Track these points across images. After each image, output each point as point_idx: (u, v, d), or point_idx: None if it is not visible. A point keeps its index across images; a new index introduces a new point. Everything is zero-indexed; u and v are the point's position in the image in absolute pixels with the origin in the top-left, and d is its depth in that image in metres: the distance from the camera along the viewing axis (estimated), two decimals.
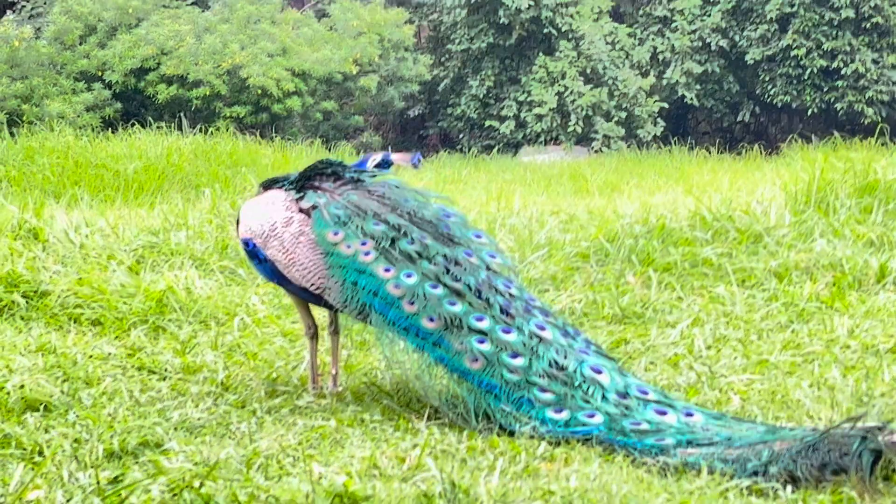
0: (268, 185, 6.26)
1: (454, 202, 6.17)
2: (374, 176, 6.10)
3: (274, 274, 5.93)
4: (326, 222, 5.79)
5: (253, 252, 5.98)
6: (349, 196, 5.90)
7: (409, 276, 5.57)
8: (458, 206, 6.14)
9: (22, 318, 7.55)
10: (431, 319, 5.45)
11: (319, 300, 5.87)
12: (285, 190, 6.08)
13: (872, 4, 27.84)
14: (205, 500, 4.18)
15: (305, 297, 5.94)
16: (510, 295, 5.61)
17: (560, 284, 8.58)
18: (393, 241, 5.69)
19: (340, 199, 5.88)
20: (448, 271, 5.59)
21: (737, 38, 29.01)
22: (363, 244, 5.69)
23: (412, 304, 5.51)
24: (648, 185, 18.42)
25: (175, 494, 4.26)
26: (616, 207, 12.26)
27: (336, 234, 5.76)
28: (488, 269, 5.72)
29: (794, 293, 8.00)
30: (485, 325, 5.42)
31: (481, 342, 5.37)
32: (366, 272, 5.64)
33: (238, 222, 6.15)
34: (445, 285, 5.55)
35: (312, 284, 5.79)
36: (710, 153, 25.19)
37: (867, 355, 6.54)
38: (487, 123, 28.50)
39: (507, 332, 5.40)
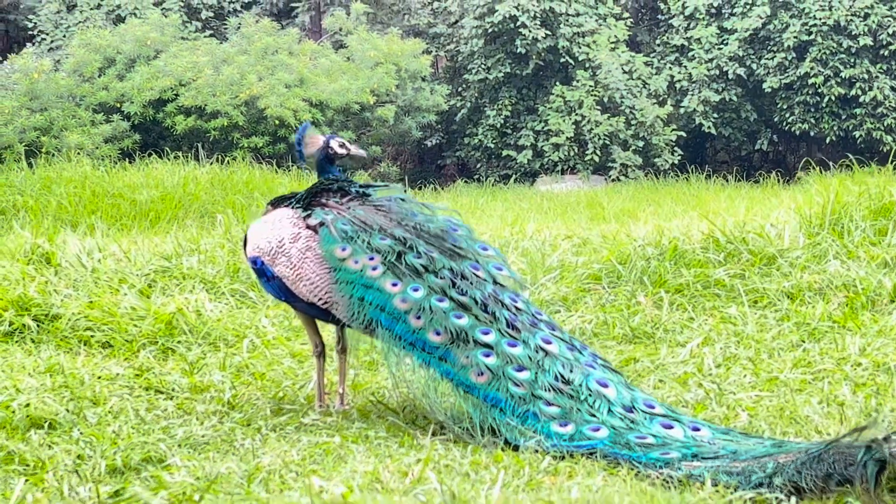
0: (275, 203, 6.27)
1: (460, 214, 6.16)
2: (380, 189, 6.13)
3: (282, 291, 5.93)
4: (334, 238, 5.80)
5: (261, 270, 5.99)
6: (356, 211, 5.92)
7: (415, 290, 5.58)
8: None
9: (33, 341, 7.56)
10: (438, 333, 5.46)
11: (327, 315, 5.88)
12: (293, 208, 6.09)
13: (891, 31, 27.80)
14: None
15: (313, 312, 5.94)
16: (516, 308, 5.61)
17: (571, 306, 8.55)
18: (399, 255, 5.70)
19: (347, 215, 5.89)
20: (454, 285, 5.60)
21: (754, 66, 28.99)
22: (370, 259, 5.71)
23: (419, 318, 5.52)
24: (665, 213, 18.36)
25: None
26: (630, 231, 12.21)
27: (344, 249, 5.77)
28: (495, 282, 5.73)
29: (806, 313, 7.95)
30: (491, 338, 5.41)
31: (487, 356, 5.36)
32: (373, 287, 5.65)
33: (246, 242, 6.16)
34: (452, 299, 5.55)
35: (320, 299, 5.79)
36: (727, 181, 25.13)
37: (878, 373, 6.48)
38: (505, 153, 28.51)
39: (512, 345, 5.40)
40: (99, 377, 6.58)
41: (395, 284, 5.62)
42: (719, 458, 4.69)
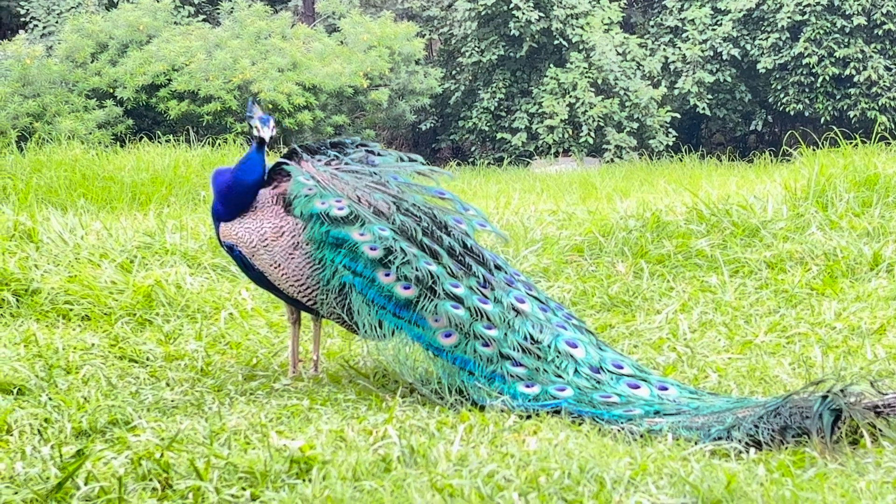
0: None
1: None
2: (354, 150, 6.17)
3: (260, 281, 5.96)
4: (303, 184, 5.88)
5: (239, 257, 5.97)
6: (325, 171, 5.97)
7: (383, 229, 5.60)
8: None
9: (12, 315, 7.54)
10: (407, 287, 5.45)
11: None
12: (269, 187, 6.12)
13: (884, 11, 27.74)
14: (163, 469, 4.17)
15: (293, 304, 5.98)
16: (495, 266, 5.66)
17: (552, 277, 8.55)
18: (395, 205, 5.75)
19: (318, 177, 5.94)
20: (432, 234, 5.64)
21: (748, 46, 28.93)
22: (338, 200, 5.74)
23: (388, 274, 5.51)
24: (657, 192, 18.32)
25: (135, 465, 4.24)
26: (616, 207, 12.20)
27: (317, 195, 5.80)
28: (474, 242, 5.79)
29: (785, 280, 7.95)
30: (460, 291, 5.43)
31: (456, 308, 5.37)
32: (347, 240, 5.62)
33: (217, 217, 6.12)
34: (423, 245, 5.58)
35: (304, 296, 5.80)
36: (721, 161, 25.09)
37: (852, 336, 6.49)
38: (499, 136, 28.49)
39: (483, 302, 5.43)
40: (74, 347, 6.58)
41: (362, 234, 5.63)
42: (681, 413, 4.70)
